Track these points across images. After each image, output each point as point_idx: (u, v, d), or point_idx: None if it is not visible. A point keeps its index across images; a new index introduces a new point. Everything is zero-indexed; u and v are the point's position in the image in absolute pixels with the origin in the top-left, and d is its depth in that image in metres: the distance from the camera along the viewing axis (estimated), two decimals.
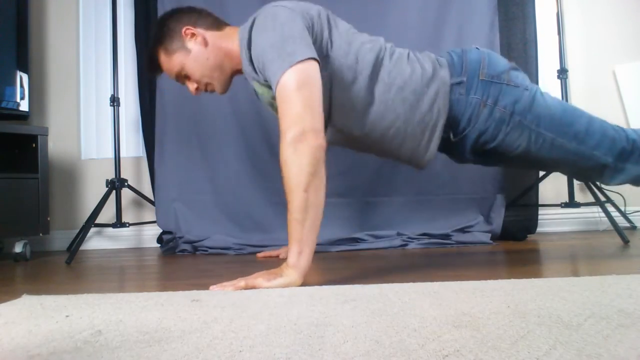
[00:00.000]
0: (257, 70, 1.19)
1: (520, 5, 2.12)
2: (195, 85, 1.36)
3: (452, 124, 1.26)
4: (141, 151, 2.36)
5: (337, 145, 1.35)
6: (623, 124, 2.16)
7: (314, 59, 1.07)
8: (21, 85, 2.12)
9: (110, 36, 2.20)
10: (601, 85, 2.21)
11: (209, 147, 2.15)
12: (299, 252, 1.01)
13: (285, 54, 1.07)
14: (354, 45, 1.23)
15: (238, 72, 1.35)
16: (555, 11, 2.04)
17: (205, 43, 1.30)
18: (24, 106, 2.13)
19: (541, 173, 2.01)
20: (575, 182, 1.97)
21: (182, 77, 1.37)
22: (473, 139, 1.25)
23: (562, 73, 2.00)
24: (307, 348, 0.57)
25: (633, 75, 2.17)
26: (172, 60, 1.33)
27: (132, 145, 2.39)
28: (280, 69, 1.06)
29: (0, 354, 0.60)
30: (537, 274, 1.11)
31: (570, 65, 2.13)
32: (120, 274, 1.49)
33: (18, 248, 1.88)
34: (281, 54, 1.08)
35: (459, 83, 1.24)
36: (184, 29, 1.30)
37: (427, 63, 1.26)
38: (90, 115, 2.41)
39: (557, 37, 2.03)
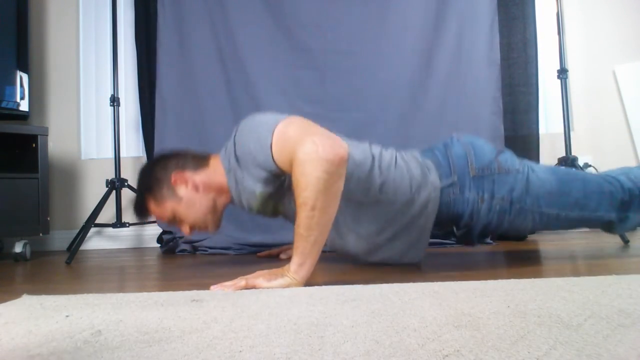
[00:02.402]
0: (252, 169, 1.15)
1: (520, 5, 2.12)
2: (188, 227, 1.32)
3: (453, 220, 1.26)
4: (141, 151, 2.36)
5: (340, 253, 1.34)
6: (623, 124, 2.18)
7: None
8: (21, 85, 2.12)
9: (110, 36, 2.20)
10: (601, 85, 2.21)
11: (209, 147, 2.13)
12: (300, 264, 1.01)
13: (266, 129, 1.09)
14: None
15: (229, 203, 1.34)
16: (555, 11, 2.04)
17: (197, 188, 1.27)
18: (24, 106, 2.13)
19: None
20: None
21: (175, 222, 1.34)
22: (479, 229, 1.26)
23: (562, 73, 2.00)
24: (307, 348, 0.57)
25: (633, 75, 2.17)
26: (163, 208, 1.30)
27: (132, 145, 2.39)
28: (267, 138, 1.07)
29: (0, 354, 0.60)
30: (537, 274, 1.11)
31: (570, 65, 2.13)
32: (120, 274, 1.49)
33: (18, 248, 1.88)
34: (263, 130, 1.09)
35: (451, 184, 1.22)
36: (172, 177, 1.27)
37: (415, 168, 1.23)
38: (90, 115, 2.41)
39: (557, 37, 2.03)
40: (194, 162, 1.30)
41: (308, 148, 0.99)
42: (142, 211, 1.35)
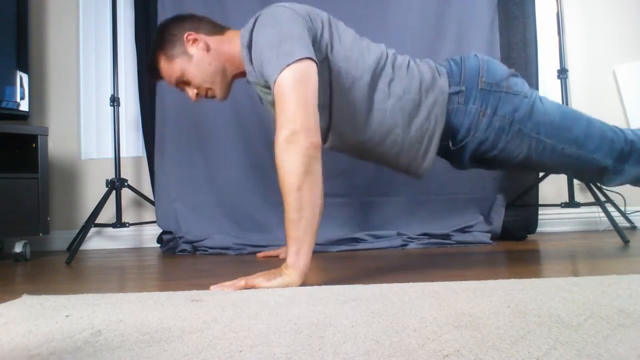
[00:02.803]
0: (257, 71, 1.19)
1: (520, 5, 2.12)
2: (195, 91, 1.34)
3: (451, 133, 1.26)
4: (141, 151, 2.36)
5: (337, 151, 1.35)
6: (623, 124, 2.17)
7: (311, 59, 1.07)
8: (21, 85, 2.12)
9: (110, 36, 2.20)
10: (601, 85, 2.21)
11: (209, 147, 2.15)
12: (296, 251, 1.01)
13: (283, 53, 1.07)
14: (354, 50, 1.23)
15: (239, 75, 1.35)
16: (555, 11, 2.04)
17: (208, 48, 1.30)
18: (24, 106, 2.13)
19: (541, 173, 2.01)
20: (576, 182, 1.97)
21: (182, 83, 1.35)
22: (473, 148, 1.25)
23: (562, 73, 2.00)
24: (307, 348, 0.57)
25: (633, 75, 2.17)
26: (172, 66, 1.32)
27: (132, 145, 2.39)
28: (278, 68, 1.06)
29: (0, 354, 0.60)
30: (537, 274, 1.11)
31: (570, 65, 2.13)
32: (120, 274, 1.49)
33: (18, 248, 1.88)
34: (279, 54, 1.08)
35: (458, 92, 1.24)
36: (185, 35, 1.30)
37: (426, 71, 1.25)
38: (90, 115, 2.41)
39: (557, 37, 2.03)
40: (210, 26, 1.33)
41: (289, 136, 1.02)
42: (152, 69, 1.37)
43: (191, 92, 1.35)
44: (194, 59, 1.30)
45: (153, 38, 1.38)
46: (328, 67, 1.20)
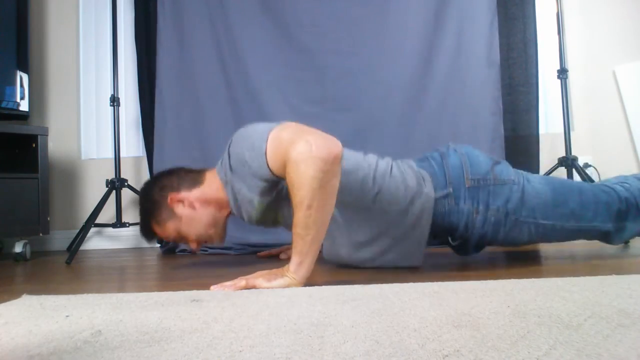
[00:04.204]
0: (249, 177, 1.14)
1: (520, 5, 2.12)
2: (195, 244, 1.36)
3: (449, 231, 1.25)
4: (141, 151, 2.36)
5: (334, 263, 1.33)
6: (623, 124, 2.17)
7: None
8: (21, 85, 2.12)
9: (110, 36, 2.20)
10: (601, 85, 2.21)
11: (209, 147, 2.15)
12: (299, 263, 1.01)
13: (260, 137, 1.09)
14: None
15: (230, 214, 1.34)
16: (555, 11, 2.03)
17: (193, 206, 1.30)
18: (24, 106, 2.13)
19: (542, 171, 2.01)
20: None
21: (180, 240, 1.37)
22: (474, 241, 1.25)
23: (562, 73, 2.00)
24: (307, 348, 0.57)
25: (633, 75, 2.17)
26: (166, 229, 1.33)
27: (132, 145, 2.39)
28: (261, 146, 1.07)
29: (0, 354, 0.60)
30: (537, 274, 1.11)
31: (570, 65, 2.13)
32: (120, 274, 1.49)
33: (18, 248, 1.88)
34: (255, 141, 1.10)
35: (446, 195, 1.21)
36: (169, 198, 1.30)
37: (410, 177, 1.22)
38: (90, 115, 2.41)
39: (557, 37, 2.03)
40: (188, 181, 1.32)
41: (301, 147, 0.99)
42: (148, 234, 1.38)
43: (191, 244, 1.36)
44: (184, 219, 1.31)
45: (139, 204, 1.39)
46: None
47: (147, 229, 1.37)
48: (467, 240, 1.25)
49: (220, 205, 1.30)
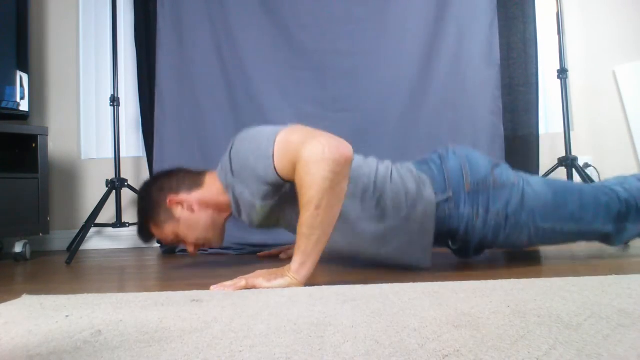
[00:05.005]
0: (252, 181, 1.13)
1: (520, 5, 2.12)
2: (192, 247, 1.36)
3: (449, 235, 1.25)
4: (141, 151, 2.36)
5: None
6: (623, 124, 2.17)
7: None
8: (21, 85, 2.12)
9: (110, 36, 2.21)
10: (601, 85, 2.21)
11: (209, 147, 2.15)
12: (301, 263, 1.01)
13: (267, 140, 1.08)
14: None
15: (229, 217, 1.34)
16: (555, 11, 2.04)
17: (192, 209, 1.29)
18: (24, 106, 2.13)
19: (542, 171, 2.01)
20: None
21: (178, 242, 1.37)
22: (475, 244, 1.25)
23: (562, 73, 2.00)
24: (307, 348, 0.57)
25: (633, 75, 2.17)
26: (164, 231, 1.33)
27: (132, 145, 2.39)
28: (268, 148, 1.06)
29: (0, 354, 0.60)
30: (537, 274, 1.11)
31: (570, 65, 2.13)
32: (120, 274, 1.49)
33: (18, 248, 1.88)
34: (262, 143, 1.09)
35: (447, 200, 1.20)
36: (168, 200, 1.29)
37: (410, 181, 1.21)
38: (90, 115, 2.41)
39: (557, 37, 2.03)
40: (188, 183, 1.31)
41: (314, 148, 1.00)
42: (145, 235, 1.38)
43: (189, 247, 1.36)
44: (182, 222, 1.30)
45: (138, 205, 1.39)
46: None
47: (145, 230, 1.37)
48: (468, 243, 1.25)
49: (219, 208, 1.30)
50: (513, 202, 1.19)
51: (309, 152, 1.00)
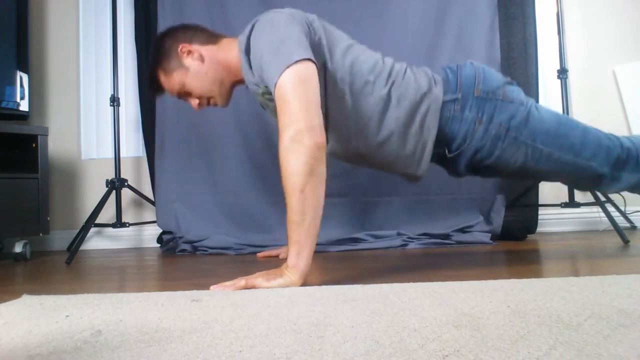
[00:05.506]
0: (257, 76, 1.19)
1: (520, 5, 2.12)
2: (197, 101, 1.36)
3: (447, 140, 1.26)
4: (141, 151, 2.36)
5: (330, 157, 1.34)
6: (623, 124, 2.18)
7: (311, 60, 1.07)
8: (21, 85, 2.12)
9: (110, 36, 2.20)
10: (601, 85, 2.21)
11: (209, 147, 2.15)
12: (297, 253, 1.01)
13: (282, 55, 1.08)
14: (350, 57, 1.22)
15: (238, 82, 1.36)
16: (555, 11, 2.04)
17: (202, 59, 1.30)
18: (24, 106, 2.13)
19: None
20: None
21: (184, 94, 1.37)
22: (469, 155, 1.25)
23: (562, 73, 2.00)
24: (307, 348, 0.57)
25: (633, 75, 2.17)
26: (171, 79, 1.33)
27: (132, 145, 2.39)
28: (278, 70, 1.06)
29: (0, 354, 0.60)
30: (537, 274, 1.11)
31: (570, 65, 2.13)
32: (120, 274, 1.49)
33: (18, 248, 1.88)
34: (278, 56, 1.08)
35: (454, 100, 1.23)
36: (179, 47, 1.30)
37: (422, 79, 1.25)
38: (90, 115, 2.41)
39: (557, 37, 2.03)
40: (203, 36, 1.33)
41: (293, 135, 1.01)
42: (153, 84, 1.39)
43: (193, 102, 1.37)
44: (190, 71, 1.31)
45: (151, 52, 1.39)
46: (324, 74, 1.19)
47: (154, 78, 1.37)
48: (462, 153, 1.25)
49: (229, 69, 1.31)
50: (517, 118, 1.21)
51: (289, 138, 1.01)
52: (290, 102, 1.04)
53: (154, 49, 1.37)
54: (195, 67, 1.31)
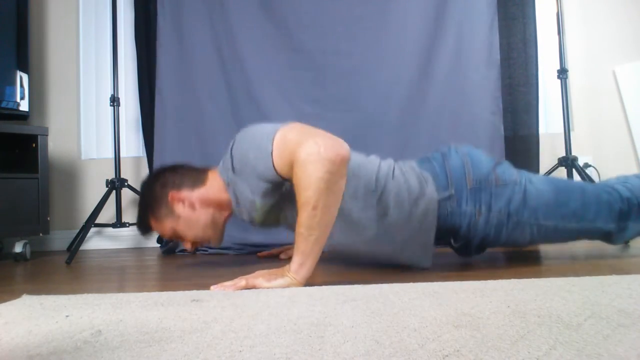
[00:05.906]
0: (250, 179, 1.14)
1: (520, 5, 2.12)
2: (190, 244, 1.36)
3: (451, 233, 1.25)
4: (141, 151, 2.36)
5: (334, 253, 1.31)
6: (623, 124, 2.17)
7: None
8: (21, 85, 2.12)
9: (110, 36, 2.20)
10: (601, 85, 2.21)
11: (209, 147, 2.15)
12: (300, 263, 1.01)
13: (266, 138, 1.08)
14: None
15: (230, 216, 1.34)
16: (555, 11, 2.04)
17: (193, 206, 1.28)
18: (24, 106, 2.13)
19: (542, 171, 2.01)
20: None
21: (177, 238, 1.37)
22: (477, 242, 1.24)
23: (562, 73, 2.00)
24: (307, 348, 0.57)
25: (633, 75, 2.17)
26: (163, 226, 1.33)
27: (132, 145, 2.39)
28: (267, 146, 1.06)
29: (0, 354, 0.60)
30: (537, 274, 1.11)
31: (570, 65, 2.13)
32: (120, 274, 1.49)
33: (18, 248, 1.88)
34: (262, 141, 1.09)
35: (449, 197, 1.20)
36: (169, 196, 1.29)
37: (412, 179, 1.21)
38: (90, 115, 2.41)
39: (557, 37, 2.03)
40: (191, 180, 1.30)
41: (310, 148, 0.99)
42: (144, 228, 1.38)
43: (186, 244, 1.36)
44: (182, 219, 1.29)
45: (139, 197, 1.39)
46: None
47: (144, 223, 1.36)
48: (470, 241, 1.25)
49: (220, 207, 1.30)
50: (515, 200, 1.19)
51: (305, 152, 0.99)
52: (294, 135, 1.04)
53: (143, 192, 1.37)
54: (187, 215, 1.29)
